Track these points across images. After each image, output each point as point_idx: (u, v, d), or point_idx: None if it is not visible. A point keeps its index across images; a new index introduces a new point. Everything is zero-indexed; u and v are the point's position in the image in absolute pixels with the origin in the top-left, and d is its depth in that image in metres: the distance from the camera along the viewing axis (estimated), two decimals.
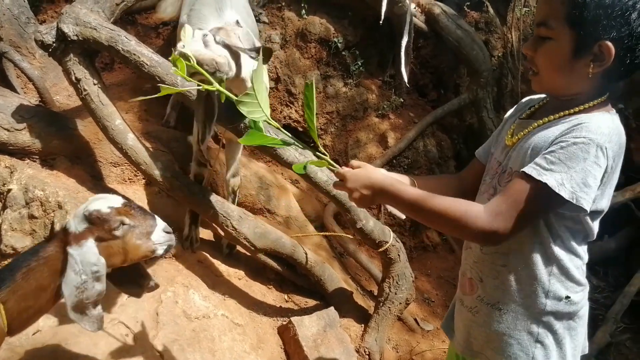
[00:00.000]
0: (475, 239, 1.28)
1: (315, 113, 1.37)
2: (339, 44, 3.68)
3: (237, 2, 2.65)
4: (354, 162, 1.40)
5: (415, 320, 3.13)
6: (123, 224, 1.54)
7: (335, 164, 1.39)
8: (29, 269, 1.46)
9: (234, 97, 1.35)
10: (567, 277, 1.30)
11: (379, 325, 2.71)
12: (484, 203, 1.37)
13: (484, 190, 1.44)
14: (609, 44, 1.16)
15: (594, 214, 1.25)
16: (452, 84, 4.26)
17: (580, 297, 1.34)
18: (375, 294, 2.95)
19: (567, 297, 1.31)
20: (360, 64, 3.78)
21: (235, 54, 1.95)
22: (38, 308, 1.51)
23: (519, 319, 1.34)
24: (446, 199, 1.27)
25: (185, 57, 1.46)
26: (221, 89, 1.37)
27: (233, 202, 2.68)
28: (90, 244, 1.48)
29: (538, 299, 1.31)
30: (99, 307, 1.55)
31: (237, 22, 2.46)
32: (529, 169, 1.18)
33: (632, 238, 4.00)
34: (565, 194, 1.14)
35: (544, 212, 1.23)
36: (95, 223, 1.50)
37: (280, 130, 1.47)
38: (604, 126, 1.17)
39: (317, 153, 1.40)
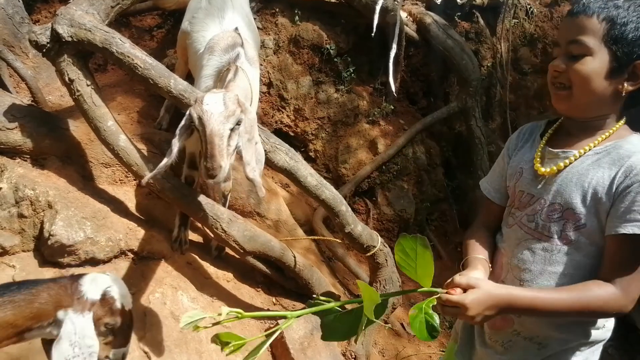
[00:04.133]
0: (620, 315, 1.24)
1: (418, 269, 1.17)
2: (331, 51, 3.72)
3: (238, 9, 2.68)
4: (461, 281, 1.21)
5: (402, 324, 3.17)
6: (110, 328, 1.51)
7: (440, 289, 1.21)
8: (11, 300, 1.36)
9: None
10: None
11: (365, 330, 2.74)
12: (513, 236, 1.35)
13: (511, 222, 1.39)
14: None
15: None
16: (441, 92, 4.32)
17: (612, 323, 1.34)
18: None
19: (604, 325, 1.31)
20: (351, 70, 3.83)
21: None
22: None
23: (557, 351, 1.33)
24: (579, 293, 1.21)
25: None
26: None
27: (224, 205, 2.71)
28: (90, 317, 1.42)
29: (584, 330, 1.30)
30: None
31: (237, 29, 2.49)
32: (631, 229, 1.17)
33: None
34: None
35: None
36: (104, 305, 1.46)
37: (352, 301, 1.24)
38: None
39: (434, 297, 1.19)
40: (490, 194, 1.51)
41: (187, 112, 2.00)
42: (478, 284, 1.20)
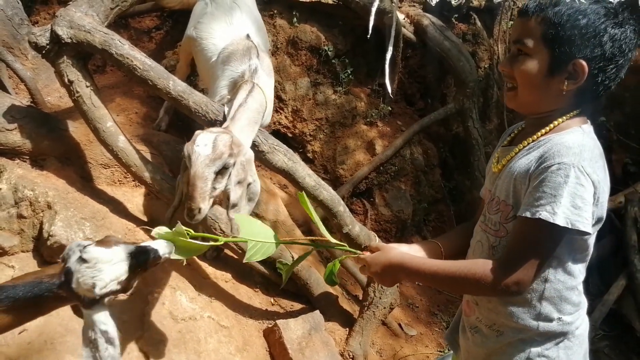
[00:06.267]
0: (501, 294, 1.28)
1: (315, 214, 1.43)
2: (329, 52, 3.74)
3: (247, 12, 2.67)
4: (372, 245, 1.45)
5: (400, 325, 3.18)
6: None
7: (357, 250, 1.47)
8: (15, 301, 1.38)
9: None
10: (560, 299, 1.31)
11: (363, 330, 2.76)
12: (479, 232, 1.41)
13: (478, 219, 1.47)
14: (583, 62, 1.20)
15: (594, 224, 1.27)
16: (439, 93, 4.34)
17: (575, 318, 1.35)
18: (360, 298, 2.99)
19: (559, 319, 1.32)
20: (349, 72, 3.84)
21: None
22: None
23: (513, 340, 1.36)
24: (462, 264, 1.31)
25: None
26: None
27: (227, 208, 2.71)
28: (102, 308, 1.46)
29: (530, 321, 1.32)
30: None
31: (248, 36, 2.49)
32: (523, 212, 1.21)
33: (611, 247, 4.09)
34: (559, 221, 1.15)
35: (552, 246, 1.23)
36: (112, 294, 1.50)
37: (290, 242, 1.66)
38: (574, 146, 1.19)
39: (339, 248, 1.46)
40: (481, 192, 1.58)
41: (184, 148, 2.01)
42: (383, 248, 1.41)
